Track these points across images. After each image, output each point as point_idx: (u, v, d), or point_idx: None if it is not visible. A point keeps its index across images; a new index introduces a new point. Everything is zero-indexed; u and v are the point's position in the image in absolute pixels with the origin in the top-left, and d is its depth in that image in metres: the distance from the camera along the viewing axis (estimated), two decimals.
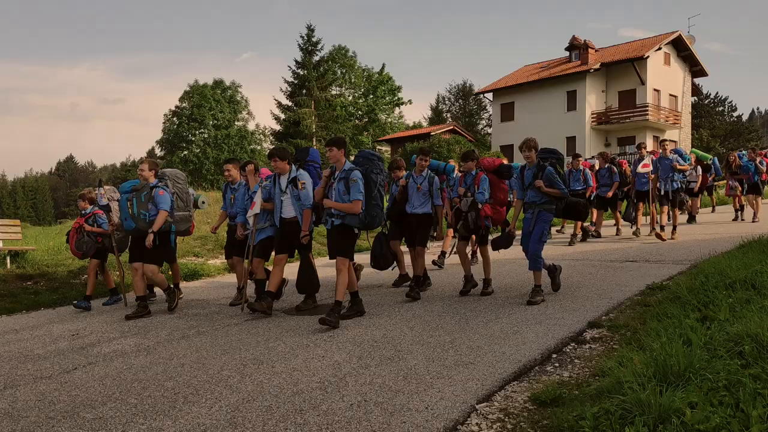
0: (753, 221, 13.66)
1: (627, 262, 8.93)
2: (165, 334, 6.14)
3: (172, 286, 7.60)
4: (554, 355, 4.69)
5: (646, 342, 4.23)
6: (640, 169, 11.59)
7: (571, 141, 37.08)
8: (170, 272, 8.40)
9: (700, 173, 14.41)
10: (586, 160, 13.25)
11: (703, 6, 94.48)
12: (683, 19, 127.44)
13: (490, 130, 51.63)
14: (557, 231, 14.13)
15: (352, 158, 6.63)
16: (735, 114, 57.37)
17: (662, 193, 11.12)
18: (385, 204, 6.97)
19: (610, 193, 12.34)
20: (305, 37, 50.32)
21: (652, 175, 11.47)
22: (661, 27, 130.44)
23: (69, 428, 3.70)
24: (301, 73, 50.10)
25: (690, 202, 14.48)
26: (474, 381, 4.08)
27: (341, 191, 6.10)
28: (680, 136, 40.00)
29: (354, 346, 5.17)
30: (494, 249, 7.12)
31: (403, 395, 3.88)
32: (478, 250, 8.05)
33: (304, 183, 6.62)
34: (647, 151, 12.14)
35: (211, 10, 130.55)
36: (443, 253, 9.96)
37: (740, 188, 14.33)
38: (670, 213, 11.34)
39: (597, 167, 12.70)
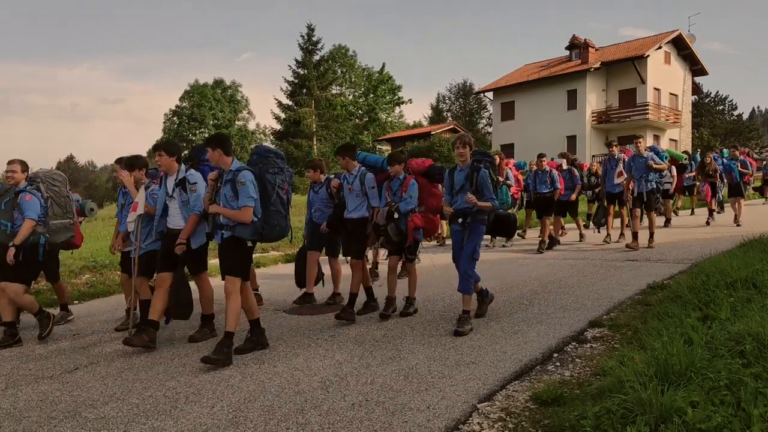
0: (735, 225, 12.59)
1: (628, 261, 8.92)
2: (166, 334, 6.14)
3: (45, 310, 6.42)
4: (555, 355, 4.69)
5: (647, 341, 4.23)
6: (616, 179, 10.82)
7: (571, 140, 37.08)
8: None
9: (675, 174, 13.49)
10: (552, 159, 12.41)
11: (704, 5, 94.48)
12: (683, 18, 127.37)
13: (490, 129, 51.63)
14: (519, 234, 12.83)
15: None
16: (735, 113, 57.37)
17: (635, 194, 10.09)
18: (299, 211, 6.11)
19: (573, 196, 11.65)
20: (305, 37, 50.38)
21: (622, 179, 10.65)
22: (662, 26, 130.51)
23: (71, 428, 3.70)
24: (302, 72, 50.13)
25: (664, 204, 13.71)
26: (475, 380, 4.08)
27: (228, 196, 5.07)
28: (680, 135, 40.00)
29: (355, 345, 5.18)
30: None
31: (405, 395, 3.88)
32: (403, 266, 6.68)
33: (195, 185, 5.59)
34: (618, 149, 11.12)
35: (212, 9, 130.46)
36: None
37: (711, 192, 13.55)
38: (648, 217, 10.39)
39: (564, 167, 11.84)
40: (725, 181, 13.77)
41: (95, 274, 10.00)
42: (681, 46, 39.52)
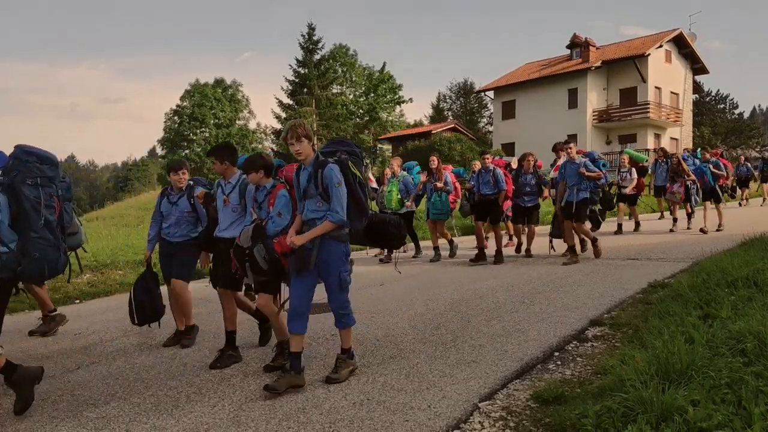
0: (717, 230, 11.68)
1: (629, 260, 8.92)
2: (168, 333, 6.15)
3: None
4: (556, 354, 4.69)
5: (648, 340, 4.23)
6: (552, 173, 10.12)
7: (572, 139, 36.90)
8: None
9: (635, 177, 12.55)
10: (500, 158, 11.63)
11: (705, 3, 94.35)
12: (684, 16, 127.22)
13: (491, 129, 51.61)
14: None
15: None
16: (736, 111, 57.34)
17: (563, 204, 9.15)
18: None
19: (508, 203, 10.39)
20: (306, 36, 50.31)
21: (546, 189, 9.99)
22: (663, 25, 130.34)
23: (72, 427, 3.71)
24: (302, 71, 50.08)
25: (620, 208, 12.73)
26: (476, 379, 4.09)
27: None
28: (681, 133, 39.97)
29: (356, 344, 5.16)
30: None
31: (406, 394, 3.89)
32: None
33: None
34: (565, 152, 9.38)
35: (212, 9, 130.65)
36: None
37: (682, 195, 11.87)
38: (575, 229, 9.22)
39: (514, 166, 10.66)
40: (698, 184, 12.21)
41: (96, 274, 10.01)
42: (682, 45, 39.47)
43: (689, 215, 12.47)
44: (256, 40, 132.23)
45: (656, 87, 37.47)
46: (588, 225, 9.87)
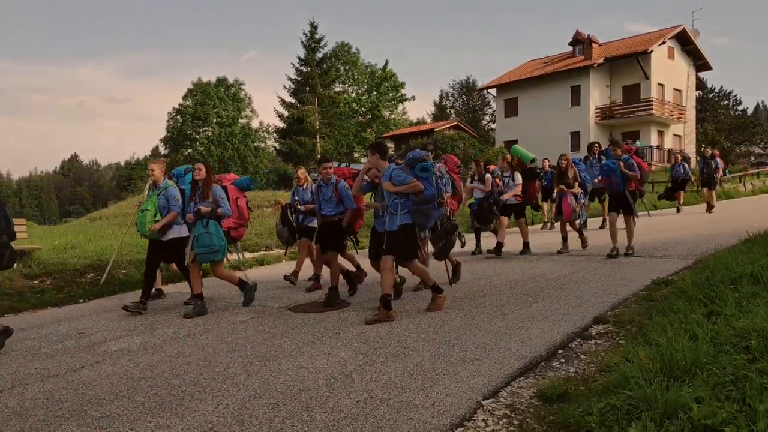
0: (626, 253, 9.18)
1: (632, 257, 8.91)
2: (171, 332, 6.16)
3: None
4: (560, 351, 4.69)
5: (652, 337, 4.22)
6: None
7: (575, 136, 37.01)
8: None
9: (519, 182, 10.14)
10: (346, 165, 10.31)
11: (709, 0, 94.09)
12: (687, 13, 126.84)
13: (494, 126, 51.56)
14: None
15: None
16: (740, 108, 57.23)
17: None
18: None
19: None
20: (308, 35, 50.30)
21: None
22: (665, 21, 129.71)
23: (77, 426, 3.72)
24: (305, 70, 50.07)
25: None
26: (480, 377, 4.08)
27: None
28: (685, 130, 39.89)
29: (360, 343, 5.18)
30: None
31: (409, 392, 3.89)
32: None
33: None
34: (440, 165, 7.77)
35: (216, 8, 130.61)
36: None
37: (578, 206, 9.98)
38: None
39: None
40: (587, 192, 10.62)
41: (100, 273, 10.03)
42: (685, 42, 39.37)
43: (568, 236, 10.25)
44: (259, 40, 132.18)
45: (659, 84, 37.39)
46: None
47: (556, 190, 10.47)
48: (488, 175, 10.01)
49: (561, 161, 10.15)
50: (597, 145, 12.87)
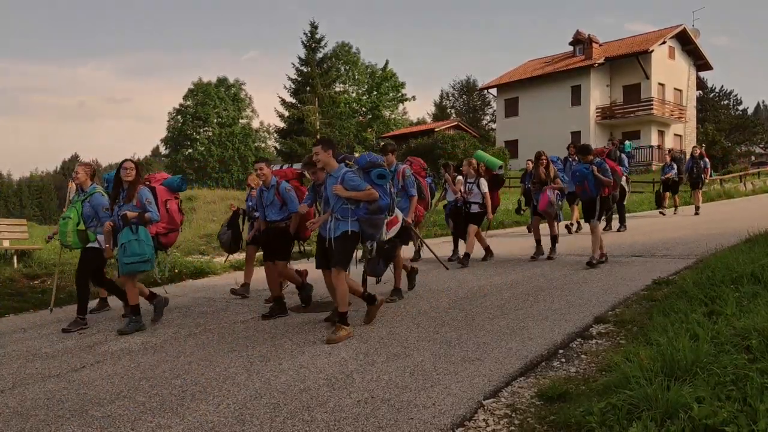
0: (590, 262, 8.26)
1: (632, 257, 8.91)
2: (172, 332, 6.17)
3: None
4: (561, 351, 4.69)
5: (653, 337, 4.22)
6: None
7: (575, 136, 36.98)
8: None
9: (486, 190, 9.22)
10: (289, 167, 8.94)
11: (710, 0, 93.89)
12: (687, 12, 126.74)
13: (494, 126, 51.55)
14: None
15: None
16: (740, 108, 57.16)
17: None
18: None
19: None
20: (309, 35, 50.31)
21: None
22: (666, 21, 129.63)
23: (78, 426, 3.72)
24: (305, 70, 50.08)
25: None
26: (481, 377, 4.09)
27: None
28: (685, 130, 39.89)
29: (360, 342, 5.18)
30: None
31: (410, 392, 3.89)
32: None
33: None
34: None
35: (216, 8, 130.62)
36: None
37: (556, 211, 9.42)
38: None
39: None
40: (564, 194, 10.00)
41: None
42: (685, 41, 39.38)
43: (554, 240, 9.57)
44: (260, 40, 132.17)
45: (660, 83, 37.40)
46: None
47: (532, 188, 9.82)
48: (459, 177, 9.57)
49: (540, 160, 9.58)
50: (572, 147, 12.28)
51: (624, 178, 12.64)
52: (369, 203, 5.44)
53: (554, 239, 9.53)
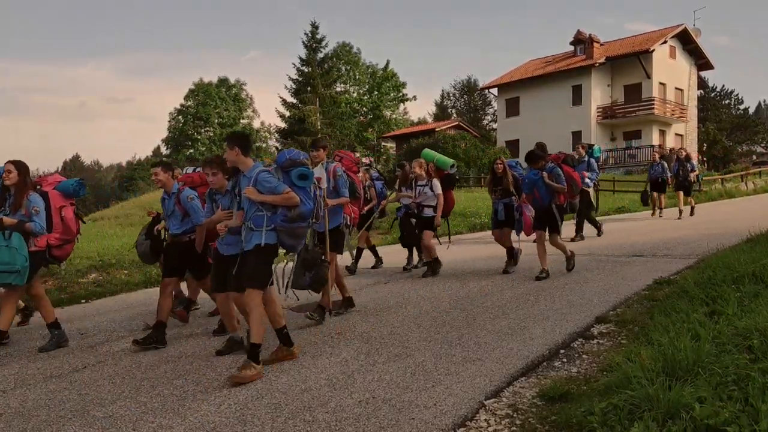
0: (538, 276, 7.72)
1: (634, 256, 8.90)
2: (173, 332, 6.16)
3: None
4: (562, 351, 4.69)
5: (654, 337, 4.22)
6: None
7: (576, 136, 36.95)
8: None
9: (439, 191, 8.47)
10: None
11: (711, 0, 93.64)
12: (688, 12, 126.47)
13: (495, 126, 51.54)
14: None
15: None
16: (741, 107, 57.15)
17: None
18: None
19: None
20: (309, 35, 50.29)
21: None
22: (666, 21, 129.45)
23: (79, 426, 3.73)
24: (306, 70, 50.07)
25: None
26: (482, 377, 4.09)
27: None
28: (686, 129, 39.85)
29: (361, 343, 5.18)
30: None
31: (411, 392, 3.89)
32: None
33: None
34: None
35: (216, 8, 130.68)
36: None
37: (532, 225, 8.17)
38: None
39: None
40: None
41: (102, 273, 10.06)
42: (686, 41, 39.34)
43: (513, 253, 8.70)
44: (261, 40, 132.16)
45: (661, 83, 37.35)
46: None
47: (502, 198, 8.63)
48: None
49: (496, 165, 8.68)
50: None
51: (592, 185, 12.04)
52: (288, 209, 4.56)
53: (511, 251, 8.65)
